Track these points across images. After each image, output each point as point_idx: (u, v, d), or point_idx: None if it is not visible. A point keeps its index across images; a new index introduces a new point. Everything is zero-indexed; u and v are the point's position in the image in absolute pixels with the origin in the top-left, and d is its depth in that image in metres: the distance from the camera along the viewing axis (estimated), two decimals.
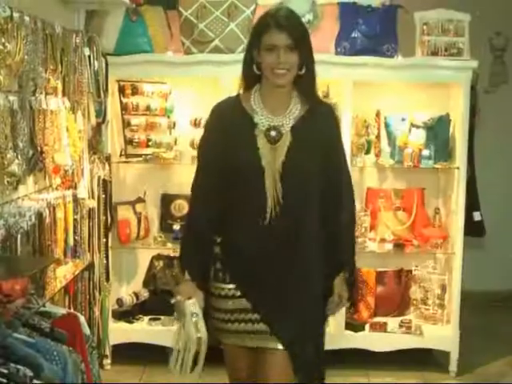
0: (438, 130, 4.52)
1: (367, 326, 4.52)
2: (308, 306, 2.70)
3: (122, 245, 4.56)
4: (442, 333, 4.51)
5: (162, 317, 4.51)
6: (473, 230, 4.52)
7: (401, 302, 4.70)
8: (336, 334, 4.36)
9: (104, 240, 4.21)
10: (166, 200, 4.68)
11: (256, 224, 2.63)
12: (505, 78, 5.77)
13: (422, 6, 4.51)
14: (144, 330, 4.46)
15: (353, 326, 4.48)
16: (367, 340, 4.46)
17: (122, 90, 4.53)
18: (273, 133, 2.66)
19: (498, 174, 5.55)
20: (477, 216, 4.53)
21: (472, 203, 4.51)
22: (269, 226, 2.62)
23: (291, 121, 2.69)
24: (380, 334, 4.47)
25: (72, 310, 3.44)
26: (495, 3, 5.39)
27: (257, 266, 2.66)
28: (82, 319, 2.89)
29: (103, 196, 4.16)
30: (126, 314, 4.56)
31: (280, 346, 2.64)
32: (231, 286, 2.69)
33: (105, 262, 4.23)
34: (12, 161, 2.86)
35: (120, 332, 4.45)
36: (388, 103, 4.65)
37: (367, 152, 4.57)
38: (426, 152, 4.47)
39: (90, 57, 3.83)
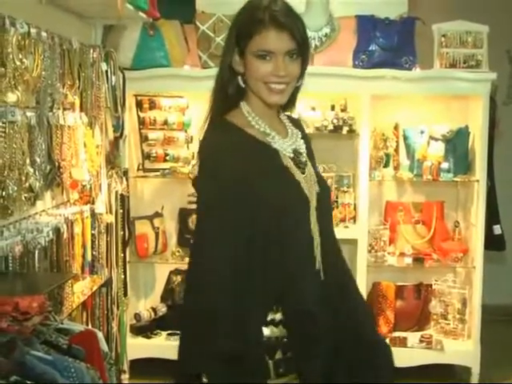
0: (457, 143, 4.49)
1: (387, 341, 4.47)
2: None
3: (140, 259, 4.56)
4: (462, 348, 4.46)
5: None
6: (493, 243, 4.47)
7: (420, 317, 4.65)
8: None
9: (122, 255, 4.19)
10: (184, 214, 4.67)
11: (315, 274, 2.04)
12: None
13: (440, 18, 4.48)
14: (162, 346, 4.44)
15: None
16: None
17: (139, 105, 4.53)
18: (303, 158, 2.09)
19: None
20: (497, 230, 4.48)
21: (492, 216, 4.46)
22: (322, 275, 2.06)
23: (302, 142, 2.14)
24: (400, 349, 4.42)
25: (90, 326, 3.43)
26: None
27: (328, 335, 2.04)
28: (100, 335, 2.87)
29: (121, 211, 4.15)
30: (144, 329, 4.55)
31: None
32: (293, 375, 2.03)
33: (122, 276, 4.21)
34: (30, 176, 2.86)
35: (138, 347, 4.44)
36: (406, 116, 4.63)
37: (386, 165, 4.55)
38: (445, 165, 4.43)
39: (107, 72, 3.83)
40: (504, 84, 5.35)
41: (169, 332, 4.52)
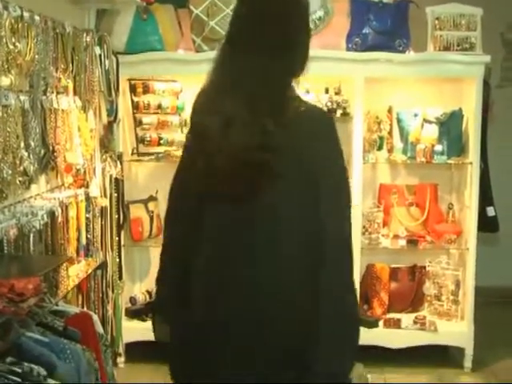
0: (450, 125, 4.50)
1: (381, 323, 4.51)
2: None
3: (135, 243, 4.57)
4: (456, 329, 4.49)
5: None
6: (486, 225, 4.49)
7: (414, 298, 4.68)
8: None
9: (117, 238, 4.21)
10: None
11: None
12: None
13: (433, 0, 4.47)
14: None
15: (366, 322, 4.45)
16: (381, 337, 4.44)
17: (133, 89, 4.52)
18: None
19: (511, 169, 5.50)
20: (490, 211, 4.49)
21: (485, 198, 4.48)
22: None
23: None
24: (394, 330, 4.45)
25: (85, 309, 3.45)
26: None
27: None
28: (95, 317, 2.89)
29: (115, 195, 4.16)
30: (139, 312, 4.57)
31: None
32: None
33: (117, 260, 4.23)
34: (24, 160, 2.87)
35: (133, 330, 4.46)
36: (400, 99, 4.63)
37: (379, 148, 4.56)
38: (438, 147, 4.44)
39: (100, 56, 3.84)
40: (498, 67, 5.35)
41: None
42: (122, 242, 4.35)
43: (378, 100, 4.53)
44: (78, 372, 2.45)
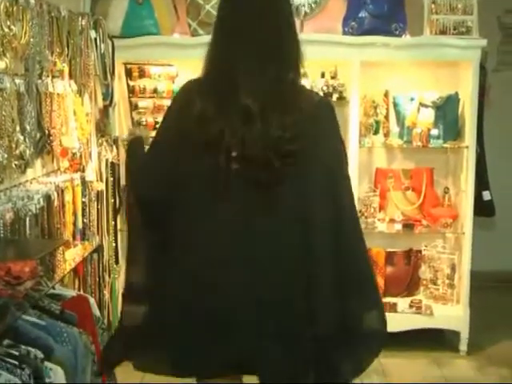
0: (446, 109, 4.49)
1: None
2: None
3: None
4: (452, 313, 4.51)
5: None
6: (482, 209, 4.50)
7: (410, 282, 4.69)
8: None
9: (113, 223, 4.20)
10: None
11: None
12: None
13: None
14: None
15: None
16: None
17: (128, 73, 4.52)
18: None
19: (507, 154, 5.51)
20: (486, 195, 4.50)
21: (481, 183, 4.48)
22: None
23: None
24: (390, 314, 4.42)
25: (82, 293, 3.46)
26: None
27: None
28: (92, 301, 2.90)
29: (111, 179, 4.15)
30: None
31: None
32: None
33: (114, 244, 4.23)
34: (20, 144, 2.86)
35: None
36: (396, 83, 4.62)
37: (376, 132, 4.55)
38: (434, 131, 4.44)
39: (96, 39, 3.82)
40: (494, 50, 5.35)
41: None
42: (119, 227, 4.34)
43: (374, 84, 4.53)
44: (75, 355, 2.46)
